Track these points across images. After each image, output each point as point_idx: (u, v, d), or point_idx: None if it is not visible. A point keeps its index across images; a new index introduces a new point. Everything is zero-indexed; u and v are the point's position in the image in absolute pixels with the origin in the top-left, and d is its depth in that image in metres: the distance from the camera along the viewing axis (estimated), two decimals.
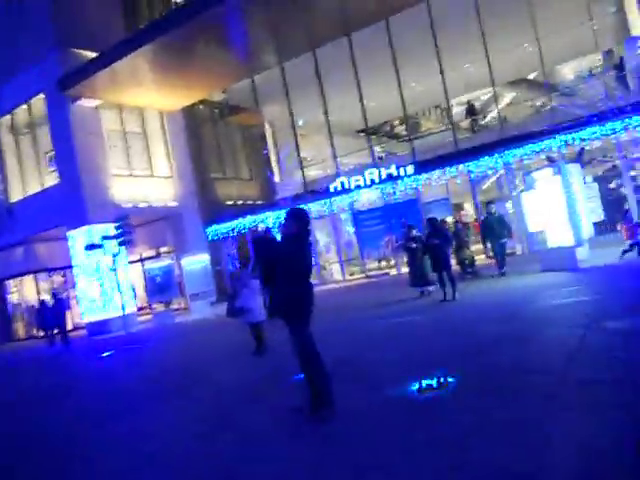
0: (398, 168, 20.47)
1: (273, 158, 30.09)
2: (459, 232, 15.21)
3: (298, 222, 5.33)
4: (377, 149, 31.03)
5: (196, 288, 21.20)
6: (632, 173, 18.84)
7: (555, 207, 12.58)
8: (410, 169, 20.21)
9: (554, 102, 24.88)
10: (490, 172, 20.07)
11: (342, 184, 21.48)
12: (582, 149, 17.62)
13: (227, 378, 8.19)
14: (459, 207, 31.33)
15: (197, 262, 21.46)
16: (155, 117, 25.23)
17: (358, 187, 21.21)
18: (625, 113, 16.75)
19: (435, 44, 21.86)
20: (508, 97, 31.39)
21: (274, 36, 21.09)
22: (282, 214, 23.39)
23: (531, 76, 31.62)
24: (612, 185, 22.64)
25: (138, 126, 24.53)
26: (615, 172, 20.41)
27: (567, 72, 30.50)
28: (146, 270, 23.22)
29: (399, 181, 20.48)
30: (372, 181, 20.90)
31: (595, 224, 16.20)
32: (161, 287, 20.83)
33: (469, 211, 34.07)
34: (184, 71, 21.60)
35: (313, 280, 5.88)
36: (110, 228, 19.17)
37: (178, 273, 22.83)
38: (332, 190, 21.77)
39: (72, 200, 21.19)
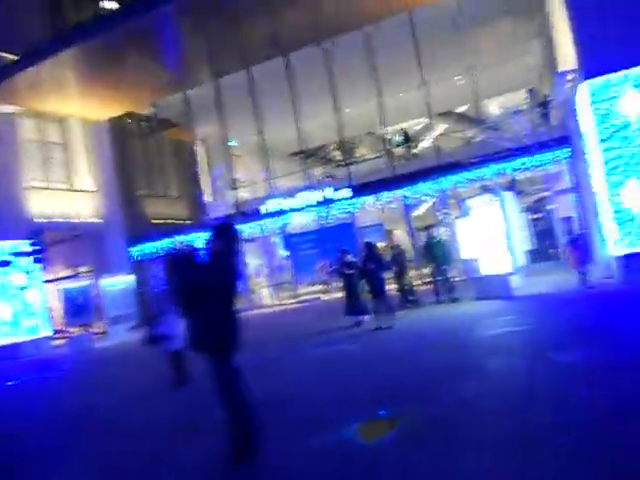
0: (335, 191, 20.06)
1: (204, 177, 29.10)
2: (399, 257, 14.38)
3: (224, 238, 4.57)
4: (314, 173, 30.71)
5: (116, 311, 19.76)
6: (554, 206, 19.33)
7: (490, 234, 12.43)
8: (346, 192, 19.85)
9: (482, 135, 25.52)
10: (425, 198, 20.04)
11: (274, 206, 20.82)
12: (514, 179, 17.87)
13: (136, 422, 7.03)
14: (391, 233, 31.44)
15: (117, 283, 20.05)
16: (78, 128, 23.75)
17: (291, 209, 20.62)
18: (549, 147, 17.19)
19: (373, 70, 21.81)
20: (440, 128, 32.02)
21: (208, 51, 20.33)
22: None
23: (461, 109, 32.62)
24: (538, 215, 23.20)
25: (59, 136, 22.99)
26: (543, 203, 20.92)
27: (494, 107, 31.43)
28: (63, 290, 21.50)
29: (334, 205, 20.06)
30: (306, 204, 20.38)
31: (526, 252, 16.35)
32: (79, 309, 19.26)
33: (399, 237, 34.42)
34: (111, 80, 20.47)
35: (241, 305, 5.09)
36: (22, 244, 17.54)
37: (97, 294, 21.27)
38: (264, 212, 21.06)
39: None
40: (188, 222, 26.59)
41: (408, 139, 28.90)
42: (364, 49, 21.23)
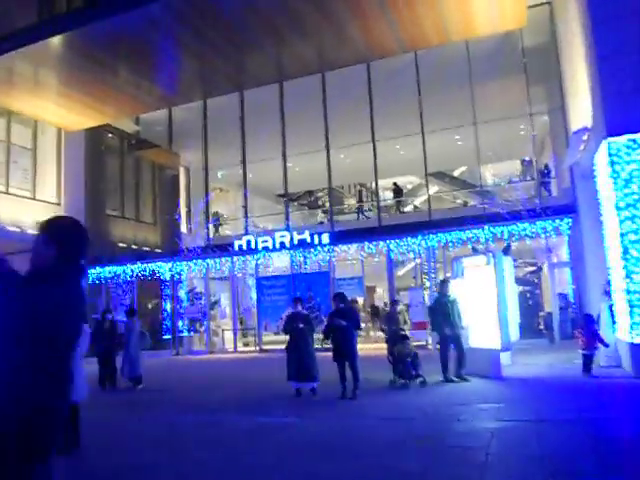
0: (312, 235, 18.29)
1: (183, 205, 27.33)
2: (394, 316, 11.25)
3: (61, 245, 2.61)
4: (298, 217, 29.09)
5: None
6: (547, 279, 17.68)
7: (484, 301, 10.61)
8: (325, 238, 18.08)
9: (476, 201, 24.15)
10: (410, 255, 18.34)
11: (248, 243, 18.97)
12: (509, 244, 16.23)
13: None
14: (372, 290, 29.60)
15: None
16: (51, 134, 21.98)
17: (266, 249, 18.78)
18: (550, 215, 15.76)
19: (371, 118, 20.45)
20: (433, 189, 30.70)
21: (201, 69, 18.78)
22: (178, 266, 20.41)
23: (457, 171, 31.50)
24: (529, 288, 21.61)
25: (28, 140, 21.15)
26: (536, 275, 19.27)
27: (490, 174, 30.22)
28: None
29: (312, 249, 18.26)
30: (282, 245, 18.55)
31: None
32: None
33: (379, 295, 32.56)
34: (95, 86, 18.77)
35: (198, 347, 3.04)
36: None
37: None
38: (237, 248, 19.18)
39: None
40: (157, 250, 24.69)
41: (400, 192, 27.30)
42: (363, 87, 19.90)
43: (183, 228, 26.93)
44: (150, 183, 26.67)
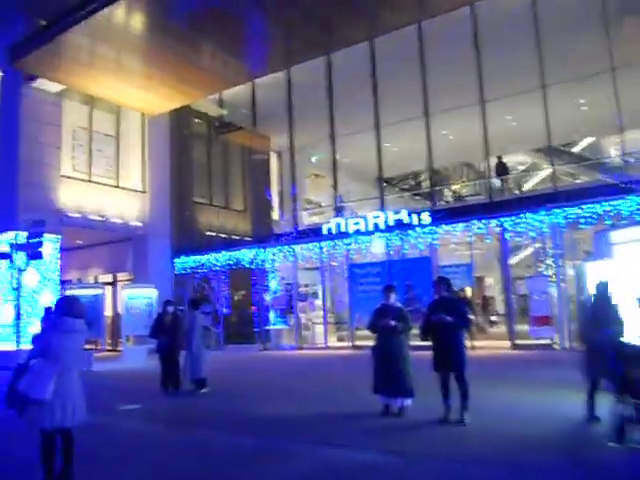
0: (410, 214, 15.66)
1: (275, 192, 25.70)
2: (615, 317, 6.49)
3: None
4: (396, 201, 26.43)
5: (135, 329, 16.26)
6: None
7: None
8: (425, 217, 15.38)
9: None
10: (528, 237, 15.15)
11: (338, 226, 16.70)
12: None
13: None
14: (480, 280, 26.31)
15: (142, 297, 16.60)
16: (135, 120, 21.01)
17: (358, 232, 16.41)
18: None
19: (480, 89, 17.30)
20: (548, 169, 26.52)
21: (286, 33, 16.61)
22: (263, 253, 18.63)
23: (576, 148, 26.85)
24: None
25: (111, 127, 20.30)
26: None
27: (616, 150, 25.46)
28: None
29: (410, 232, 15.63)
30: (376, 227, 16.09)
31: None
32: (86, 321, 15.95)
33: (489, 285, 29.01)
34: (175, 64, 17.39)
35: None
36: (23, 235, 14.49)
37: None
38: (325, 232, 17.00)
39: (2, 196, 16.83)
40: (248, 239, 23.20)
41: (505, 170, 23.40)
42: (468, 39, 16.85)
43: (275, 215, 25.37)
44: (239, 169, 25.29)
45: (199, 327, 10.30)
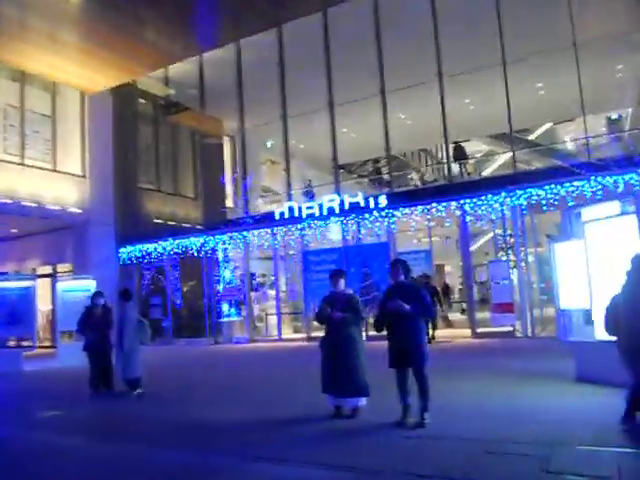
0: (367, 199, 14.79)
1: (228, 178, 24.47)
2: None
3: None
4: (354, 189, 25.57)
5: (72, 325, 14.86)
6: None
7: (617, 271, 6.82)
8: (382, 200, 14.53)
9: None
10: (489, 221, 14.49)
11: (291, 210, 15.71)
12: None
13: None
14: (440, 268, 25.83)
15: (79, 289, 15.21)
16: (74, 98, 19.42)
17: (312, 217, 15.45)
18: None
19: (439, 65, 16.54)
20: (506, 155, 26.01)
21: (234, 3, 15.46)
22: (211, 241, 17.47)
23: (532, 136, 26.45)
24: None
25: (47, 106, 18.69)
26: None
27: (570, 137, 25.14)
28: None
29: (367, 215, 14.76)
30: (331, 211, 15.16)
31: None
32: (14, 317, 14.49)
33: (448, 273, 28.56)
34: (115, 37, 15.99)
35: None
36: None
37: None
38: (277, 217, 15.97)
39: None
40: (199, 227, 21.95)
41: (464, 155, 22.72)
42: (427, 15, 16.04)
43: (229, 203, 24.16)
44: (190, 154, 23.91)
45: (131, 321, 9.14)
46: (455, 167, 19.98)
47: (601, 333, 7.08)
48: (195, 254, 17.94)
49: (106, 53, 16.87)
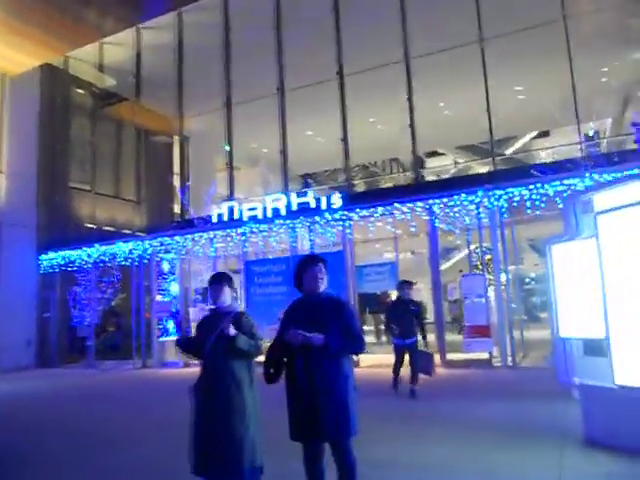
0: (319, 199, 12.31)
1: (179, 183, 21.82)
2: None
3: None
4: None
5: None
6: None
7: None
8: (336, 200, 12.05)
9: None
10: (459, 231, 12.15)
11: (230, 211, 13.14)
12: None
13: None
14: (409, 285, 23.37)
15: None
16: None
17: (254, 219, 12.89)
18: None
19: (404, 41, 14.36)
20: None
21: None
22: (140, 246, 14.79)
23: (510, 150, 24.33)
24: None
25: None
26: None
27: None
28: None
29: (318, 218, 12.26)
30: (276, 213, 12.64)
31: None
32: None
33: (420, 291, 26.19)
34: (35, 10, 13.54)
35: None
36: None
37: None
38: (215, 220, 13.39)
39: None
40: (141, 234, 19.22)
41: (421, 164, 19.99)
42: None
43: (177, 209, 21.48)
44: (134, 154, 21.26)
45: None
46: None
47: (625, 376, 4.68)
48: (122, 262, 15.23)
49: (29, 28, 14.34)
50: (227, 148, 21.94)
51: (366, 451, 3.70)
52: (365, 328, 17.63)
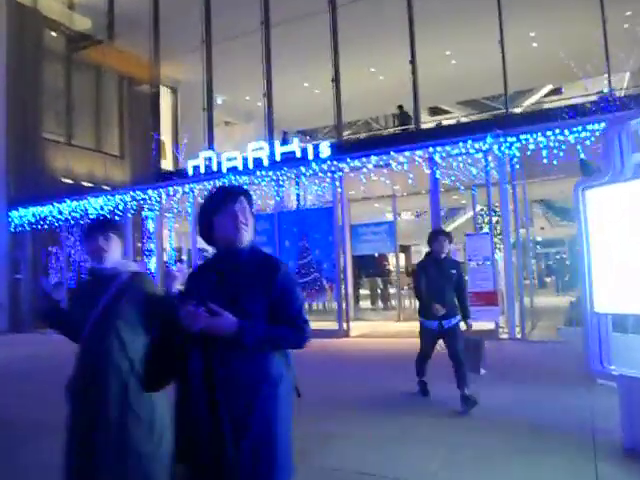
0: (304, 150, 10.81)
1: (168, 135, 20.28)
2: None
3: None
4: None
5: None
6: None
7: None
8: (324, 149, 10.54)
9: None
10: (464, 185, 10.66)
11: (208, 162, 11.68)
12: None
13: None
14: (406, 250, 22.09)
15: None
16: None
17: (234, 170, 11.42)
18: None
19: None
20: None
21: None
22: (111, 201, 13.40)
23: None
24: None
25: None
26: None
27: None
28: None
29: (304, 169, 10.76)
30: (258, 163, 11.17)
31: None
32: None
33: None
34: None
35: None
36: None
37: None
38: (191, 173, 11.94)
39: None
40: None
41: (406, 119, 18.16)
42: None
43: (165, 164, 19.99)
44: (116, 104, 19.67)
45: None
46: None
47: None
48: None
49: None
50: (219, 101, 20.46)
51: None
52: (362, 292, 16.37)
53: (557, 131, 8.88)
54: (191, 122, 18.43)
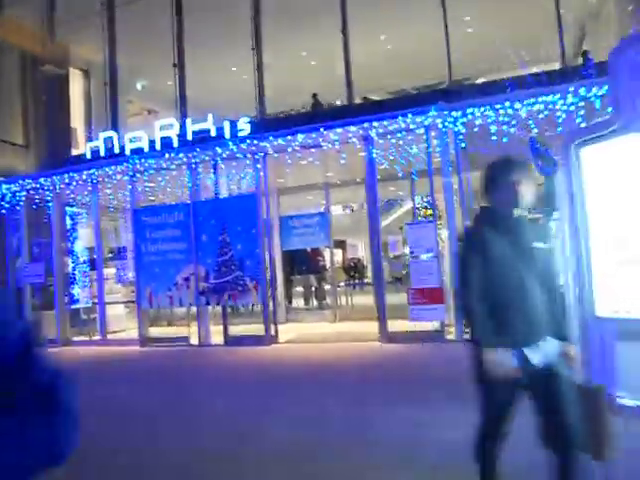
0: (220, 128, 9.21)
1: (79, 123, 18.07)
2: None
3: None
4: None
5: None
6: None
7: None
8: (244, 125, 8.97)
9: None
10: (402, 171, 9.40)
11: (109, 143, 9.87)
12: None
13: None
14: (341, 245, 20.92)
15: None
16: None
17: (139, 153, 9.67)
18: None
19: None
20: None
21: None
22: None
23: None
24: None
25: None
26: None
27: None
28: None
29: (220, 149, 9.13)
30: (167, 143, 9.46)
31: None
32: None
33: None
34: None
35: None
36: None
37: None
38: (90, 156, 10.08)
39: None
40: None
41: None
42: None
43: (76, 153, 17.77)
44: (19, 88, 17.31)
45: None
46: None
47: None
48: None
49: None
50: (139, 87, 18.51)
51: None
52: (295, 290, 14.93)
53: (507, 104, 7.73)
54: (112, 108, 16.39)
